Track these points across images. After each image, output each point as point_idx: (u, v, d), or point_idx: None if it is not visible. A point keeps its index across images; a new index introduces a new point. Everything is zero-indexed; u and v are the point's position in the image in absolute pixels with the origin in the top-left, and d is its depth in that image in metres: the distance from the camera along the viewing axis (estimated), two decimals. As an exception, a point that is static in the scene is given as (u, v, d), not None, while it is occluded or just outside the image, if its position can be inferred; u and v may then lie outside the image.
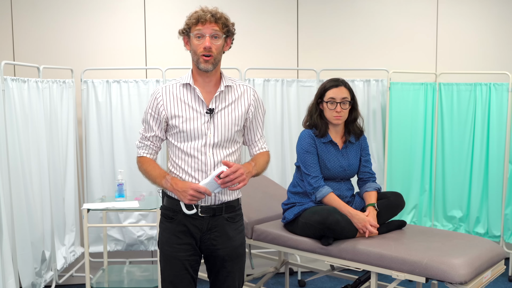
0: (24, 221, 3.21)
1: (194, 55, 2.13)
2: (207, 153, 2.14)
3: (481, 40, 4.47)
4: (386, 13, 4.39)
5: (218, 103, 2.17)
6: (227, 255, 2.23)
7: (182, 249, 2.19)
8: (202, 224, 2.18)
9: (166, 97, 2.17)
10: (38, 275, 3.40)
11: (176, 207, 2.18)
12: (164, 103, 2.16)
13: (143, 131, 2.25)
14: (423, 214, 4.36)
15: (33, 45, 3.99)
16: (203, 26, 2.09)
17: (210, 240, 2.20)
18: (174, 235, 2.20)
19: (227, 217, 2.21)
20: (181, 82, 2.19)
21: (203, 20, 2.09)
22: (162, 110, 2.16)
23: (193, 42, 2.12)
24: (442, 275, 2.45)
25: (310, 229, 2.85)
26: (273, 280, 4.15)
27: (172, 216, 2.20)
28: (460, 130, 4.23)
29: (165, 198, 2.24)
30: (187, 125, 2.14)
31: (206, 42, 2.09)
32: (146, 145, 2.25)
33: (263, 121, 2.32)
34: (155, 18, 4.13)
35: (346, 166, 3.00)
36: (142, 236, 4.05)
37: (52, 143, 3.61)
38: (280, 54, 4.29)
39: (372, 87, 4.27)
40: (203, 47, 2.09)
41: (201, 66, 2.12)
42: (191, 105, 2.15)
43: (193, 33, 2.11)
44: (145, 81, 3.99)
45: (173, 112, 2.15)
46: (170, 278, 2.22)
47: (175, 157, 2.19)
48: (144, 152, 2.26)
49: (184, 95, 2.17)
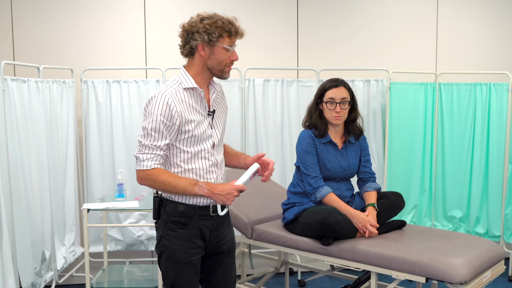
0: (24, 221, 3.21)
1: (220, 64, 2.12)
2: (214, 153, 2.19)
3: (481, 40, 4.47)
4: (386, 13, 4.39)
5: (215, 104, 2.22)
6: (228, 248, 2.30)
7: (194, 253, 2.19)
8: (212, 224, 2.21)
9: (177, 102, 2.09)
10: (38, 275, 3.41)
11: (188, 212, 2.15)
12: (177, 109, 2.08)
13: (151, 141, 2.08)
14: (423, 214, 4.36)
15: (33, 45, 3.99)
16: (235, 39, 2.13)
17: (216, 238, 2.24)
18: (189, 240, 2.17)
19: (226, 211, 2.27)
20: (183, 86, 2.13)
21: (239, 36, 2.13)
22: (176, 116, 2.08)
23: (222, 52, 2.10)
24: (442, 275, 2.45)
25: (310, 229, 2.85)
26: (273, 280, 4.15)
27: (186, 222, 2.16)
28: (460, 130, 4.23)
29: (170, 204, 2.17)
30: (198, 129, 2.13)
31: (235, 55, 2.14)
32: (157, 155, 2.09)
33: None
34: (155, 18, 4.13)
35: (345, 166, 3.00)
36: (142, 236, 4.05)
37: (52, 143, 3.61)
38: (280, 54, 4.29)
39: (372, 87, 4.27)
40: (233, 59, 2.14)
41: (226, 75, 2.16)
42: (197, 109, 2.15)
43: (224, 44, 2.09)
44: (145, 81, 3.99)
45: (187, 117, 2.10)
46: (181, 285, 2.18)
47: (183, 163, 2.14)
48: (155, 164, 2.09)
49: (190, 99, 2.13)
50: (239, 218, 3.18)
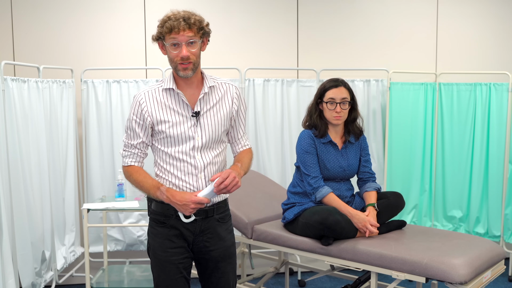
0: (24, 221, 3.21)
1: (172, 62, 2.08)
2: (196, 156, 2.12)
3: (481, 40, 4.48)
4: (386, 13, 4.39)
5: (203, 105, 2.14)
6: (219, 255, 2.22)
7: (176, 253, 2.17)
8: (194, 227, 2.17)
9: (149, 102, 2.10)
10: (38, 275, 3.41)
11: (167, 212, 2.15)
12: (148, 109, 2.10)
13: (127, 139, 2.17)
14: (423, 214, 4.36)
15: (33, 45, 3.99)
16: (177, 34, 2.01)
17: (203, 242, 2.19)
18: (167, 239, 2.17)
19: (218, 217, 2.21)
20: (162, 86, 2.12)
21: (176, 30, 2.01)
22: (147, 116, 2.10)
23: (169, 51, 2.05)
24: (442, 275, 2.45)
25: (310, 229, 2.85)
26: (273, 280, 4.15)
27: (164, 220, 2.17)
28: (460, 130, 4.23)
29: (153, 202, 2.20)
30: (174, 130, 2.10)
31: (183, 51, 2.02)
32: (133, 153, 2.17)
33: (245, 117, 2.30)
34: (155, 18, 4.09)
35: (345, 166, 3.01)
36: (142, 236, 4.05)
37: (52, 143, 3.61)
38: (280, 54, 4.29)
39: (372, 87, 4.27)
40: (180, 56, 2.03)
41: (181, 73, 2.07)
42: (176, 110, 2.11)
43: (168, 43, 2.03)
44: (145, 81, 3.99)
45: (159, 117, 2.10)
46: (165, 283, 2.19)
47: (163, 162, 2.15)
48: (132, 161, 2.18)
49: (167, 99, 2.11)
50: (239, 218, 3.18)
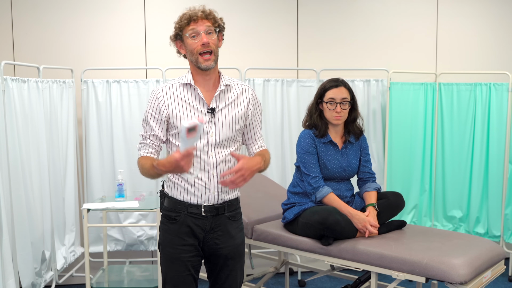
0: (24, 221, 3.21)
1: (192, 55, 2.11)
2: (210, 152, 2.14)
3: (481, 40, 4.48)
4: (386, 13, 4.39)
5: (219, 102, 2.17)
6: (229, 253, 2.24)
7: (185, 250, 2.19)
8: (205, 224, 2.18)
9: (167, 96, 2.15)
10: (38, 275, 3.40)
11: (179, 207, 2.18)
12: (165, 103, 2.14)
13: (143, 131, 2.20)
14: (423, 214, 4.36)
15: (33, 45, 3.99)
16: (196, 24, 2.09)
17: (213, 240, 2.21)
18: (177, 236, 2.19)
19: (229, 215, 2.23)
20: (180, 82, 2.17)
21: (195, 18, 2.09)
22: (163, 109, 2.14)
23: (189, 43, 2.11)
24: (442, 275, 2.45)
25: (310, 229, 2.85)
26: (273, 280, 4.15)
27: (175, 217, 2.19)
28: (460, 130, 4.23)
29: (166, 199, 2.23)
30: None
31: (203, 38, 2.08)
32: (146, 143, 2.18)
33: (261, 119, 2.33)
34: (155, 18, 4.13)
35: (345, 166, 3.00)
36: (142, 236, 4.05)
37: (52, 143, 3.61)
38: (280, 54, 4.29)
39: (372, 87, 4.27)
40: (201, 44, 2.08)
41: (202, 65, 2.10)
42: (192, 105, 2.15)
43: (188, 33, 2.10)
44: (145, 81, 3.99)
45: (175, 111, 2.14)
46: (173, 281, 2.21)
47: None
48: (144, 152, 2.18)
49: (184, 94, 2.15)
50: (239, 218, 3.18)
